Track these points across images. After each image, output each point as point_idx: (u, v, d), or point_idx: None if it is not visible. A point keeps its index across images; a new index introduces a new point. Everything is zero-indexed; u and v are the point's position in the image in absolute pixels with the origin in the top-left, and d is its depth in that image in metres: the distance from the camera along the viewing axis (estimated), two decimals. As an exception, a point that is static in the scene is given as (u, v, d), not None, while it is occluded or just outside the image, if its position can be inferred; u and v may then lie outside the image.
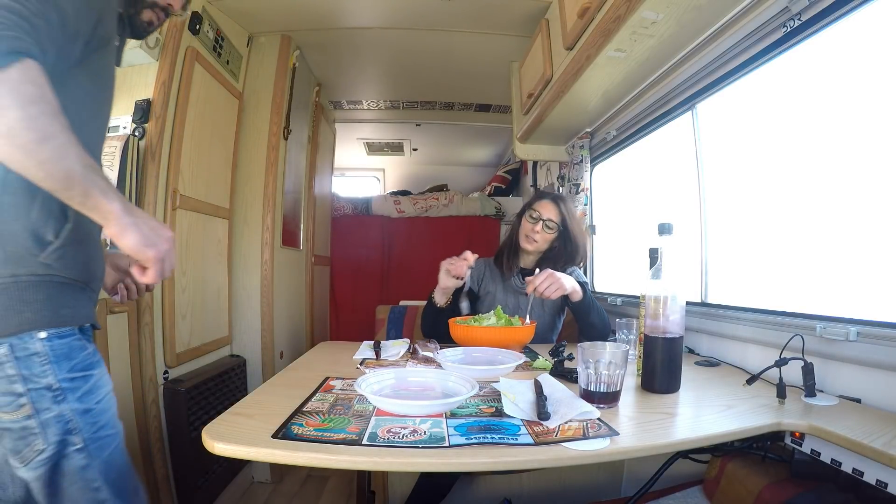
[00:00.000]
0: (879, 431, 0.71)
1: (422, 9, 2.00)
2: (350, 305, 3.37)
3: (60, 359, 0.70)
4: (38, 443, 0.68)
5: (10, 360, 0.66)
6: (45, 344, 0.68)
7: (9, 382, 0.67)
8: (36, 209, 0.68)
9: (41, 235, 0.69)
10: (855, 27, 0.97)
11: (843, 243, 1.02)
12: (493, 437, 0.68)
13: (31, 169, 0.59)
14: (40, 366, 0.68)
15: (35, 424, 0.68)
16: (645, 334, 0.97)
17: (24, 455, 0.68)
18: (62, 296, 0.71)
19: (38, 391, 0.68)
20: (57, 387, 0.69)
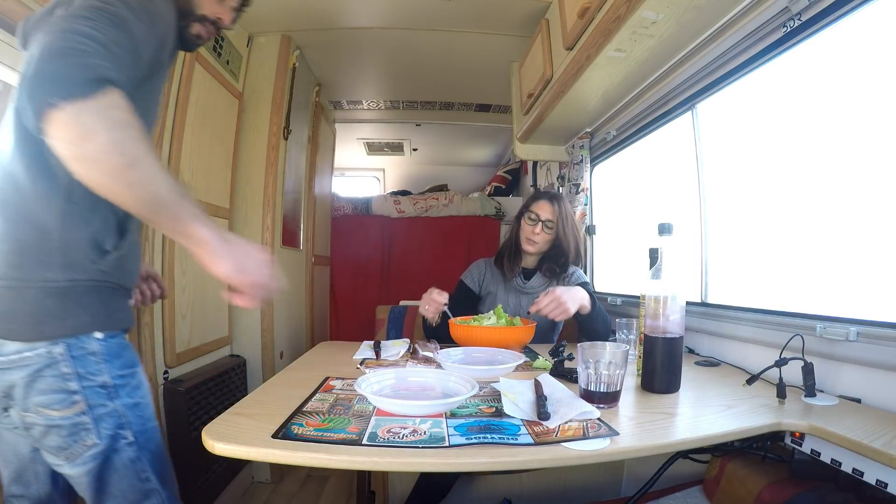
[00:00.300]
0: (879, 431, 0.71)
1: (422, 9, 2.00)
2: (350, 305, 3.37)
3: (112, 358, 0.73)
4: (89, 438, 0.70)
5: (66, 358, 0.69)
6: (101, 344, 0.72)
7: (63, 380, 0.69)
8: (97, 220, 0.71)
9: (101, 244, 0.72)
10: (855, 27, 0.97)
11: (843, 243, 1.02)
12: (493, 437, 0.68)
13: (120, 193, 0.61)
14: (95, 364, 0.71)
15: (88, 420, 0.70)
16: (645, 334, 0.97)
17: (73, 451, 0.70)
18: (114, 300, 0.76)
19: (93, 388, 0.71)
20: (110, 384, 0.72)
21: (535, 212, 1.58)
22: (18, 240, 0.69)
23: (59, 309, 0.69)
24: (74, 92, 0.56)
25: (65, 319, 0.69)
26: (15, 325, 0.68)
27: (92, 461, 0.71)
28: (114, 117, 0.59)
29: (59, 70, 0.56)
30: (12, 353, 0.68)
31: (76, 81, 0.57)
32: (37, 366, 0.68)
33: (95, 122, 0.57)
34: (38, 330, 0.68)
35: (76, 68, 0.57)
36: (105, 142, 0.58)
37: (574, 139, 2.21)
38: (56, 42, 0.58)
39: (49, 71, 0.56)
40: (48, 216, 0.68)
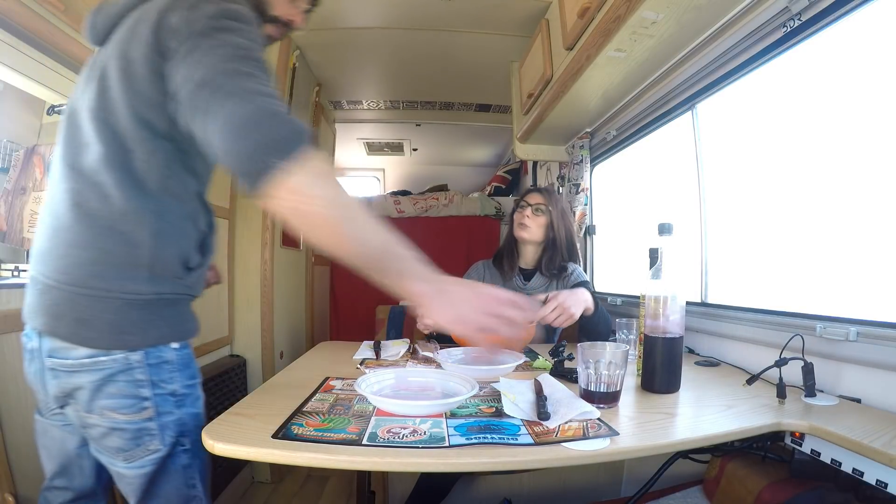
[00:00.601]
0: (879, 431, 0.71)
1: (422, 9, 2.00)
2: (350, 305, 3.36)
3: (183, 367, 0.76)
4: (153, 444, 0.72)
5: (142, 366, 0.70)
6: (176, 354, 0.74)
7: (136, 387, 0.70)
8: (185, 239, 0.74)
9: (187, 262, 0.75)
10: (855, 27, 0.97)
11: (842, 243, 1.02)
12: (493, 437, 0.68)
13: (338, 245, 0.62)
14: (168, 373, 0.73)
15: (154, 427, 0.71)
16: (645, 334, 0.97)
17: (133, 454, 0.71)
18: (187, 311, 0.79)
19: (163, 396, 0.72)
20: (180, 393, 0.74)
21: (524, 200, 1.65)
22: (104, 251, 0.69)
23: (142, 321, 0.70)
24: (294, 153, 0.59)
25: (147, 331, 0.71)
26: (92, 333, 0.68)
27: (151, 465, 0.72)
28: (324, 172, 0.61)
29: (275, 135, 0.58)
30: (84, 356, 0.69)
31: (294, 143, 0.59)
32: (110, 371, 0.69)
33: (313, 180, 0.60)
34: (119, 339, 0.69)
35: (287, 131, 0.59)
36: (325, 197, 0.60)
37: (574, 139, 2.21)
38: (255, 109, 0.59)
39: (265, 137, 0.58)
40: (140, 232, 0.69)
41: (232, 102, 0.60)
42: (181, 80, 0.64)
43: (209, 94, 0.61)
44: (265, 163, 0.58)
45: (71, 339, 0.69)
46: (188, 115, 0.64)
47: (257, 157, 0.58)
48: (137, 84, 0.69)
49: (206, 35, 0.64)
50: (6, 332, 1.06)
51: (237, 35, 0.65)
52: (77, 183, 0.70)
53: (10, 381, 1.07)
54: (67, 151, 0.74)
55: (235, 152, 0.59)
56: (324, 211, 0.60)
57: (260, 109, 0.60)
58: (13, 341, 1.08)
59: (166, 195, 0.73)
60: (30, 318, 0.74)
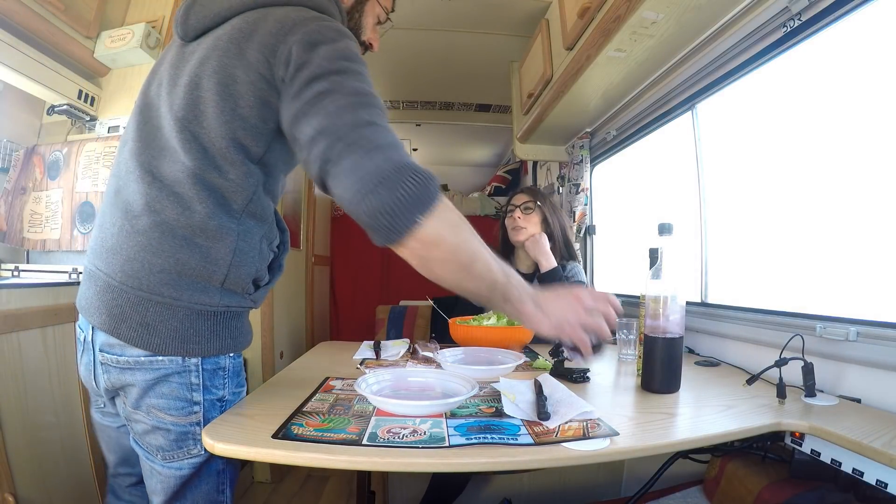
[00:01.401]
0: (879, 431, 0.71)
1: (422, 9, 2.00)
2: (350, 305, 3.37)
3: (233, 375, 0.78)
4: (196, 448, 0.72)
5: (198, 370, 0.72)
6: (231, 362, 0.77)
7: (188, 390, 0.72)
8: (260, 259, 0.76)
9: (259, 281, 0.77)
10: (855, 27, 0.97)
11: (842, 243, 1.02)
12: (493, 437, 0.68)
13: (462, 284, 0.66)
14: (221, 379, 0.75)
15: (199, 432, 0.71)
16: (645, 334, 0.97)
17: (173, 454, 0.72)
18: (247, 323, 0.80)
19: (212, 402, 0.74)
20: (226, 399, 0.76)
21: (511, 203, 1.67)
22: (180, 261, 0.69)
23: (207, 331, 0.72)
24: (427, 208, 0.60)
25: (211, 341, 0.72)
26: (156, 339, 0.69)
27: (188, 468, 0.73)
28: (452, 220, 0.63)
29: (408, 192, 0.59)
30: (140, 355, 0.70)
31: (427, 198, 0.60)
32: (165, 371, 0.70)
33: (443, 230, 0.62)
34: (183, 347, 0.70)
35: (422, 186, 0.60)
36: (452, 244, 0.63)
37: (574, 139, 2.21)
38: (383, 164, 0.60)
39: (400, 195, 0.59)
40: (221, 249, 0.70)
41: (359, 157, 0.60)
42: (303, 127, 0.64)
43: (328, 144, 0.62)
44: (396, 220, 0.59)
45: (133, 342, 0.69)
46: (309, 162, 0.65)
47: (389, 214, 0.59)
48: (241, 108, 0.69)
49: (322, 77, 0.65)
50: (6, 332, 1.06)
51: (355, 78, 0.66)
52: (154, 189, 0.70)
53: (10, 381, 1.07)
54: (143, 151, 0.72)
55: (366, 209, 0.59)
56: (451, 258, 0.63)
57: (392, 164, 0.60)
58: (13, 341, 1.08)
59: (248, 216, 0.74)
60: (87, 312, 0.74)
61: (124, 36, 1.50)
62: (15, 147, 1.59)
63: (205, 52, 0.72)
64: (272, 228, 0.81)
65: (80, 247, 1.46)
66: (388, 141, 0.62)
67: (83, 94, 1.53)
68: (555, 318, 0.69)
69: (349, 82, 0.65)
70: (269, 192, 0.78)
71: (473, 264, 0.64)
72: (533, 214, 1.60)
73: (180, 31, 0.78)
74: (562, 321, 0.69)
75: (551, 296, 0.71)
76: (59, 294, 1.21)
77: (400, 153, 0.62)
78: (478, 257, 0.65)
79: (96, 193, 1.47)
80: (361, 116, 0.63)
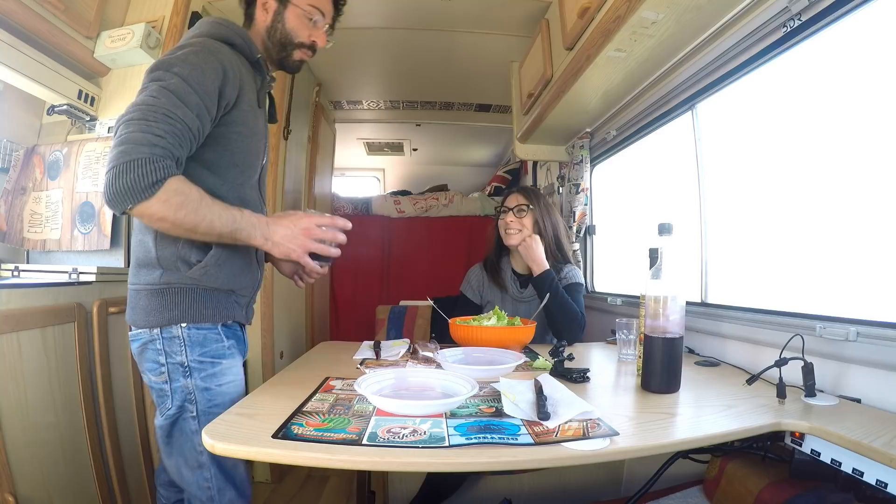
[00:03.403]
0: (879, 431, 0.71)
1: (422, 9, 2.00)
2: (350, 305, 3.37)
3: (194, 345, 0.91)
4: (168, 402, 0.90)
5: (158, 338, 0.90)
6: (185, 332, 0.90)
7: (156, 354, 0.90)
8: (182, 241, 0.88)
9: (186, 259, 0.89)
10: (855, 27, 0.97)
11: (842, 243, 1.02)
12: (493, 437, 0.68)
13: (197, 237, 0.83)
14: (178, 346, 0.90)
15: (168, 389, 0.90)
16: (645, 334, 0.97)
17: (160, 409, 0.92)
18: (206, 300, 0.92)
19: (174, 365, 0.90)
20: (186, 364, 0.90)
21: (504, 205, 1.65)
22: (136, 255, 0.92)
23: (158, 305, 0.89)
24: (140, 197, 0.74)
25: (162, 313, 0.89)
26: (135, 316, 0.91)
27: (165, 420, 0.90)
28: (172, 203, 0.77)
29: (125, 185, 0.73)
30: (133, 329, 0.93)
31: (140, 190, 0.74)
32: (143, 340, 0.91)
33: (160, 210, 0.77)
34: (146, 319, 0.89)
35: (138, 180, 0.73)
36: (172, 220, 0.78)
37: (574, 139, 2.21)
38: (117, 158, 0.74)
39: (119, 186, 0.73)
40: (148, 238, 0.89)
41: (112, 148, 0.76)
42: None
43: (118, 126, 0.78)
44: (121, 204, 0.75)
45: (130, 321, 0.93)
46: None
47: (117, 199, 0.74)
48: None
49: (142, 87, 0.82)
50: (6, 332, 1.06)
51: (157, 83, 0.80)
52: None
53: (10, 381, 1.07)
54: None
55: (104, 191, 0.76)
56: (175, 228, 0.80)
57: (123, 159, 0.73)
58: (13, 341, 1.08)
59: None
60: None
61: (124, 36, 1.50)
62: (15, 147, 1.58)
63: None
64: None
65: (80, 247, 1.46)
66: (136, 138, 0.74)
67: (83, 94, 1.53)
68: (283, 247, 0.88)
69: (150, 86, 0.80)
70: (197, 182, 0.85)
71: (197, 227, 0.80)
72: (526, 217, 1.59)
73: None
74: (288, 249, 0.89)
75: (278, 226, 0.88)
76: (59, 294, 1.21)
77: (138, 149, 0.74)
78: (200, 222, 0.80)
79: (96, 193, 1.47)
80: (132, 115, 0.76)
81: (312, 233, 0.90)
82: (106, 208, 1.44)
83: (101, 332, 1.29)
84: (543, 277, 1.51)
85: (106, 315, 1.31)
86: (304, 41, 1.01)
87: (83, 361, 1.25)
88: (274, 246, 0.88)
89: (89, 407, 1.25)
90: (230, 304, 0.96)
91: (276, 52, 1.01)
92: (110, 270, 1.37)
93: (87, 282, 1.30)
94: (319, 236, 0.91)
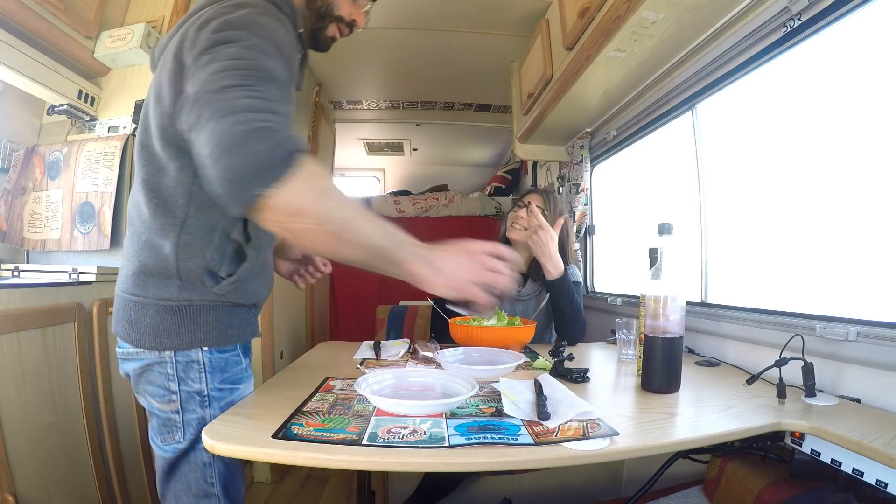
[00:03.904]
0: (879, 431, 0.71)
1: (422, 9, 2.00)
2: (350, 305, 3.37)
3: (216, 371, 0.79)
4: (177, 434, 0.78)
5: (170, 362, 0.77)
6: (206, 356, 0.78)
7: (166, 379, 0.77)
8: (211, 250, 0.76)
9: (215, 272, 0.77)
10: (855, 27, 0.97)
11: (842, 243, 1.02)
12: (493, 437, 0.68)
13: (337, 255, 0.64)
14: (197, 373, 0.77)
15: (178, 420, 0.77)
16: (645, 334, 0.97)
17: (163, 437, 0.79)
18: (230, 318, 0.80)
19: (189, 394, 0.77)
20: (206, 394, 0.78)
21: (522, 200, 1.62)
22: (143, 263, 0.76)
23: (174, 325, 0.76)
24: (276, 176, 0.56)
25: (180, 335, 0.76)
26: (138, 334, 0.76)
27: (172, 453, 0.78)
28: (316, 188, 0.60)
29: (252, 159, 0.56)
30: (129, 347, 0.79)
31: (273, 166, 0.56)
32: (148, 361, 0.77)
33: (301, 199, 0.58)
34: (156, 341, 0.76)
35: (269, 152, 0.56)
36: (315, 215, 0.59)
37: (574, 139, 2.21)
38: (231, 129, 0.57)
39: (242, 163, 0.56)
40: (166, 245, 0.75)
41: (214, 122, 0.58)
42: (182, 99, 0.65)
43: (197, 112, 0.60)
44: (248, 188, 0.56)
45: (124, 338, 0.79)
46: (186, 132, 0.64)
47: (239, 183, 0.56)
48: (163, 105, 0.72)
49: (207, 50, 0.64)
50: (6, 332, 1.06)
51: (237, 45, 0.64)
52: (130, 206, 0.81)
53: (10, 381, 1.07)
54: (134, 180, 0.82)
55: (218, 178, 0.57)
56: (316, 227, 0.60)
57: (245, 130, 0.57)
58: (13, 341, 1.08)
59: (195, 208, 0.75)
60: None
61: (124, 36, 1.50)
62: (15, 147, 1.59)
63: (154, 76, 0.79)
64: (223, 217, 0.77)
65: (80, 247, 1.46)
66: (247, 104, 0.58)
67: (83, 94, 1.53)
68: (450, 277, 0.67)
69: (228, 50, 0.63)
70: None
71: (345, 233, 0.61)
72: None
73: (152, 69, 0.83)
74: (458, 279, 0.67)
75: (444, 253, 0.68)
76: (59, 294, 1.21)
77: (256, 118, 0.58)
78: (350, 225, 0.61)
79: (96, 193, 1.47)
80: (227, 81, 0.60)
81: (483, 260, 0.70)
82: (106, 208, 1.44)
83: (101, 332, 1.29)
84: (563, 281, 1.46)
85: (106, 315, 1.31)
86: (345, 17, 0.90)
87: (83, 361, 1.25)
88: (442, 276, 0.67)
89: (89, 407, 1.25)
90: (251, 319, 0.86)
91: (312, 23, 0.87)
92: (110, 270, 1.37)
93: (87, 282, 1.30)
94: (491, 265, 0.70)
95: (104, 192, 1.46)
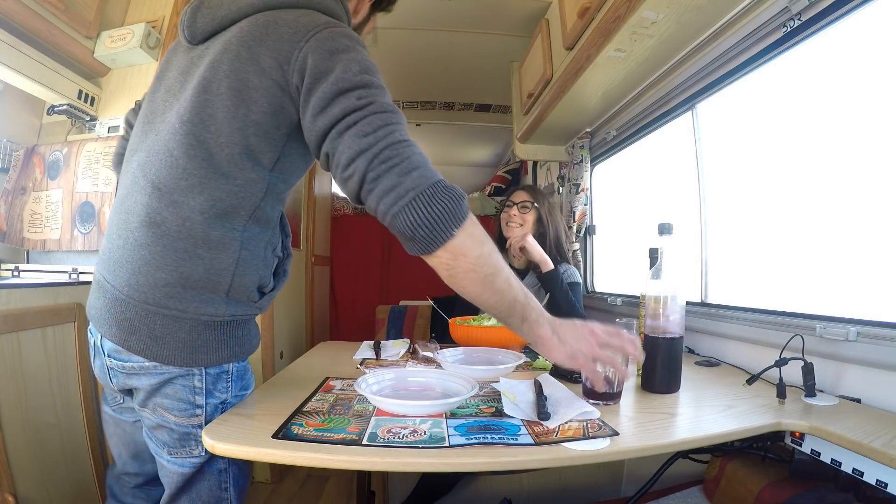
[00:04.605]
0: (879, 431, 0.71)
1: (422, 9, 2.00)
2: (350, 305, 3.37)
3: (237, 379, 0.78)
4: (196, 448, 0.73)
5: (201, 374, 0.73)
6: (235, 366, 0.77)
7: (191, 393, 0.72)
8: (264, 266, 0.77)
9: (263, 287, 0.78)
10: (855, 27, 0.97)
11: (842, 243, 1.02)
12: (493, 437, 0.68)
13: (484, 297, 0.68)
14: (224, 383, 0.76)
15: (199, 433, 0.71)
16: (645, 334, 0.97)
17: (177, 452, 0.74)
18: (253, 328, 0.81)
19: (214, 405, 0.75)
20: (228, 402, 0.77)
21: (510, 200, 1.68)
22: (184, 274, 0.69)
23: (215, 341, 0.73)
24: (461, 221, 0.64)
25: (219, 350, 0.73)
26: (166, 351, 0.70)
27: (190, 466, 0.74)
28: (478, 234, 0.67)
29: (445, 207, 0.63)
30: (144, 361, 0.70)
31: (460, 212, 0.64)
32: (171, 375, 0.71)
33: (469, 242, 0.65)
34: (192, 357, 0.71)
35: (450, 201, 0.64)
36: (476, 257, 0.66)
37: (574, 139, 2.21)
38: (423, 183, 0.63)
39: (442, 210, 0.63)
40: (224, 259, 0.71)
41: (395, 174, 0.63)
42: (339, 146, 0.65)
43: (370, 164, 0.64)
44: (434, 233, 0.63)
45: (144, 354, 0.70)
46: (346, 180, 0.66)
47: (426, 227, 0.63)
48: (254, 114, 0.68)
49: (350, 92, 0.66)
50: (6, 332, 1.06)
51: (381, 93, 0.68)
52: (154, 199, 0.69)
53: (10, 381, 1.07)
54: (147, 161, 0.72)
55: (406, 222, 0.63)
56: (475, 268, 0.66)
57: (424, 181, 0.63)
58: (13, 341, 1.08)
59: (254, 222, 0.74)
60: (97, 322, 0.75)
61: (124, 36, 1.50)
62: (15, 147, 1.59)
63: (215, 56, 0.71)
64: (276, 233, 0.81)
65: (80, 247, 1.46)
66: (422, 161, 0.65)
67: (83, 94, 1.53)
68: (570, 347, 0.71)
69: (378, 98, 0.67)
70: (280, 198, 0.79)
71: (495, 278, 0.67)
72: (529, 213, 1.62)
73: (188, 33, 0.77)
74: (576, 350, 0.71)
75: (567, 324, 0.72)
76: (59, 294, 1.21)
77: (432, 171, 0.65)
78: (499, 272, 0.68)
79: (96, 193, 1.47)
80: (395, 136, 0.65)
81: (600, 338, 0.72)
82: (106, 208, 1.44)
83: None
84: (553, 275, 1.53)
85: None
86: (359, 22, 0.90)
87: (83, 361, 1.25)
88: (560, 343, 0.70)
89: (89, 407, 1.25)
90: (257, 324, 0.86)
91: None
92: (110, 270, 1.37)
93: (87, 282, 1.31)
94: (608, 343, 0.72)
95: (104, 192, 1.46)
